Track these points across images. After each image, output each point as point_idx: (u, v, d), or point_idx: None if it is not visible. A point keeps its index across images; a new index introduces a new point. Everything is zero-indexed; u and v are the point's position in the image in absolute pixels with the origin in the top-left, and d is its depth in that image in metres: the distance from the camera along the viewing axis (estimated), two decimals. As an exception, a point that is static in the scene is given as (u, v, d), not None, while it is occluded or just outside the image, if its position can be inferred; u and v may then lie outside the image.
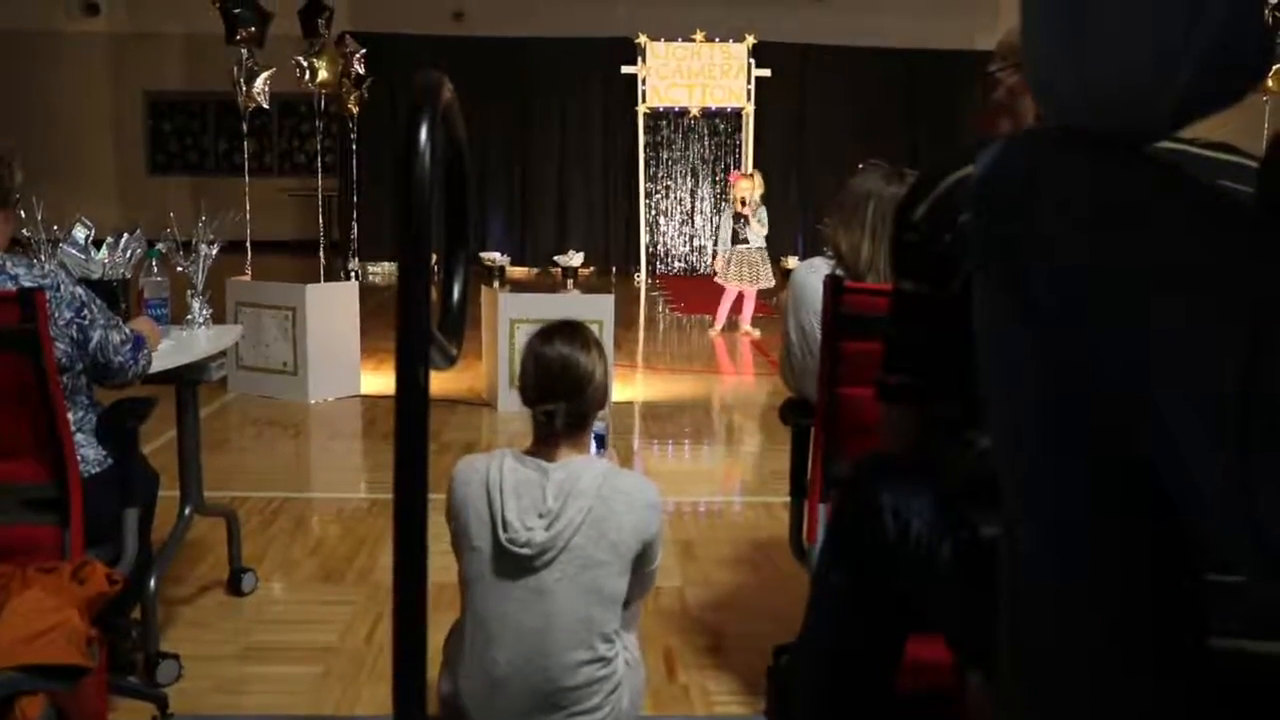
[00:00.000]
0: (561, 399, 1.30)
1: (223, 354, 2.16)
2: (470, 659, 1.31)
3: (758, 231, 5.79)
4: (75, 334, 1.55)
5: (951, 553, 0.94)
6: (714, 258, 5.99)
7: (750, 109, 8.13)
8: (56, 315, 1.53)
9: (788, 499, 1.73)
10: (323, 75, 5.78)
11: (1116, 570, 0.58)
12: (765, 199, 6.02)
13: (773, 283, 5.88)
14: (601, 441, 1.69)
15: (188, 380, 1.97)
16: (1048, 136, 0.61)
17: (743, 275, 5.74)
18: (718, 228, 6.74)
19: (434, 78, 0.68)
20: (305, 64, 5.71)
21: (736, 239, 5.76)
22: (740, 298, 5.84)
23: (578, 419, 1.32)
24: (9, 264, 1.53)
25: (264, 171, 9.73)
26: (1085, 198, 0.56)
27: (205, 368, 1.99)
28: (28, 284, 1.51)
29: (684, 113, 8.43)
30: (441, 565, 1.34)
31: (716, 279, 5.95)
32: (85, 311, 1.57)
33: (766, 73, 8.05)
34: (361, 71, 6.27)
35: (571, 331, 1.35)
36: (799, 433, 1.71)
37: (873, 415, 1.07)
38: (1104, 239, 0.54)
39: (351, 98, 6.25)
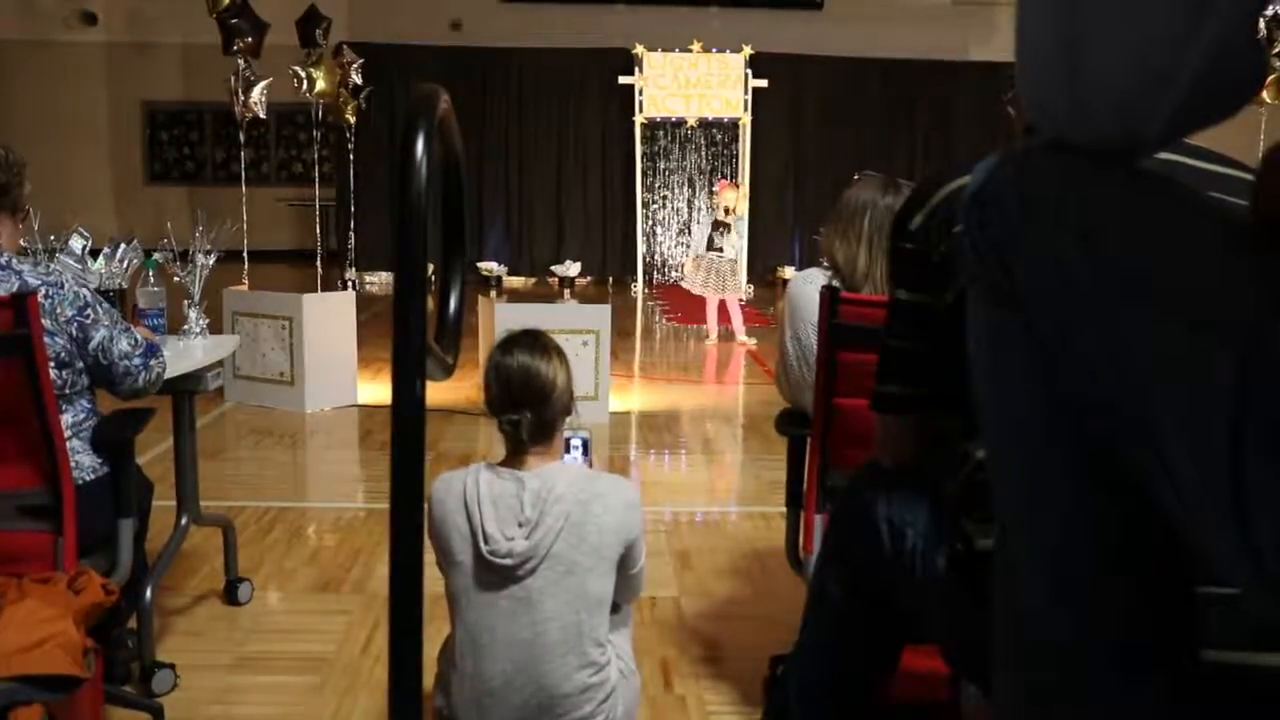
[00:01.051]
0: (525, 409, 1.30)
1: (219, 364, 2.16)
2: (463, 673, 1.31)
3: (734, 242, 5.80)
4: (75, 332, 1.55)
5: (947, 564, 0.94)
6: (689, 264, 5.98)
7: (747, 119, 8.16)
8: (58, 312, 1.53)
9: (784, 509, 1.73)
10: (320, 85, 5.81)
11: (1112, 583, 0.58)
12: (752, 209, 6.04)
13: (740, 292, 5.89)
14: (585, 448, 1.69)
15: (184, 390, 1.97)
16: (1042, 149, 0.62)
17: (708, 283, 5.74)
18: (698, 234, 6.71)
19: (430, 90, 0.68)
20: (303, 74, 5.74)
21: (711, 246, 5.76)
22: (722, 305, 5.84)
23: (543, 427, 1.32)
24: (15, 262, 1.54)
25: (261, 181, 9.75)
26: (1078, 210, 0.56)
27: (202, 377, 1.99)
28: (32, 281, 1.52)
29: (681, 123, 8.47)
30: (438, 575, 1.34)
31: (683, 283, 5.96)
32: (89, 311, 1.57)
33: (763, 83, 8.09)
34: (359, 81, 6.29)
35: (531, 340, 1.34)
36: (795, 443, 1.71)
37: (869, 426, 1.07)
38: (1097, 252, 0.55)
39: (349, 108, 6.27)
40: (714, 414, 4.37)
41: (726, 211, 5.78)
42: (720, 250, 5.72)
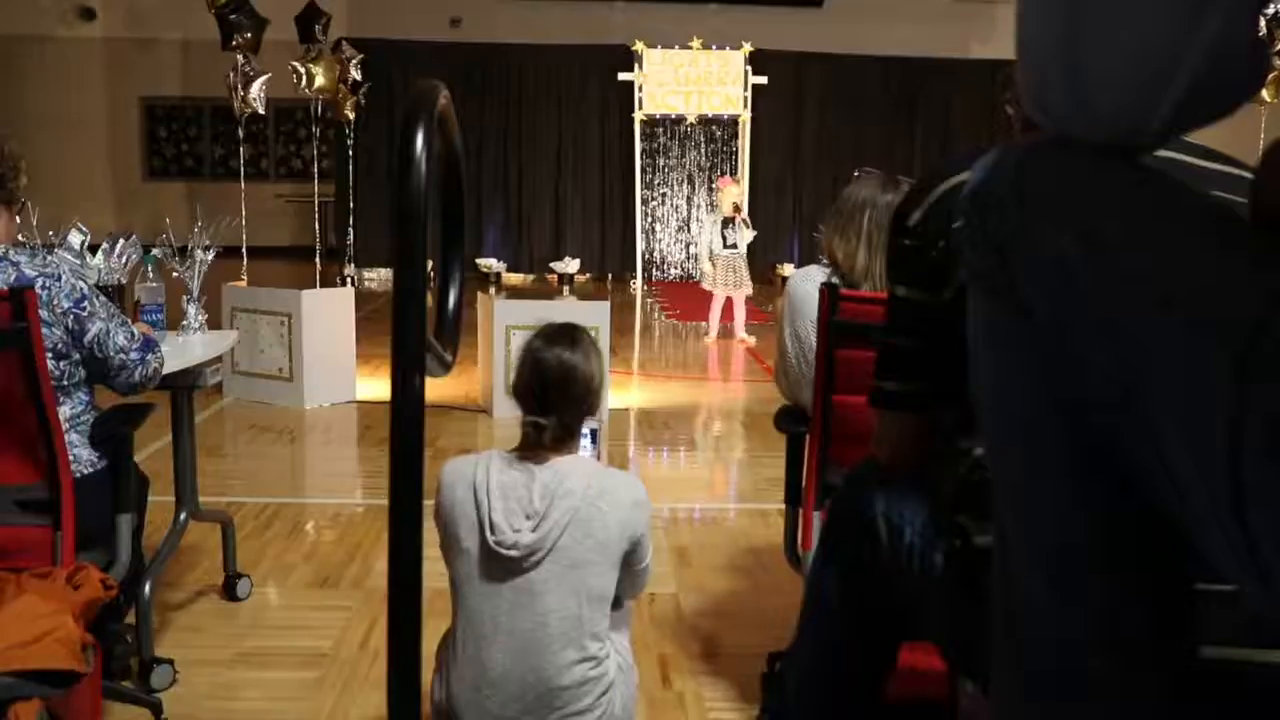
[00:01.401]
0: (553, 412, 1.30)
1: (218, 360, 2.15)
2: (463, 662, 1.31)
3: (747, 237, 5.80)
4: (71, 324, 1.55)
5: (944, 561, 0.94)
6: (706, 263, 5.95)
7: (747, 116, 8.15)
8: (54, 304, 1.53)
9: (782, 506, 1.73)
10: (320, 81, 5.80)
11: (1111, 581, 0.58)
12: (751, 206, 6.03)
13: (751, 289, 5.89)
14: (594, 436, 1.70)
15: (183, 386, 1.97)
16: (1042, 145, 0.61)
17: (729, 281, 5.74)
18: (698, 234, 6.63)
19: (430, 85, 0.68)
20: (302, 70, 5.73)
21: (726, 243, 5.75)
22: (729, 303, 5.84)
23: (565, 430, 1.33)
24: (11, 253, 1.54)
25: (260, 177, 9.73)
26: (1078, 208, 0.56)
27: (201, 373, 1.99)
28: (29, 272, 1.51)
29: (681, 120, 8.45)
30: (436, 571, 1.34)
31: (704, 284, 5.94)
32: (85, 304, 1.56)
33: (763, 80, 8.08)
34: (358, 77, 6.28)
35: (573, 337, 1.34)
36: (794, 440, 1.72)
37: (867, 423, 1.07)
38: (1097, 250, 0.54)
39: (348, 103, 6.26)
40: (713, 411, 4.37)
41: (736, 207, 5.78)
42: (735, 246, 5.73)
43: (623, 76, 8.08)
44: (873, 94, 9.08)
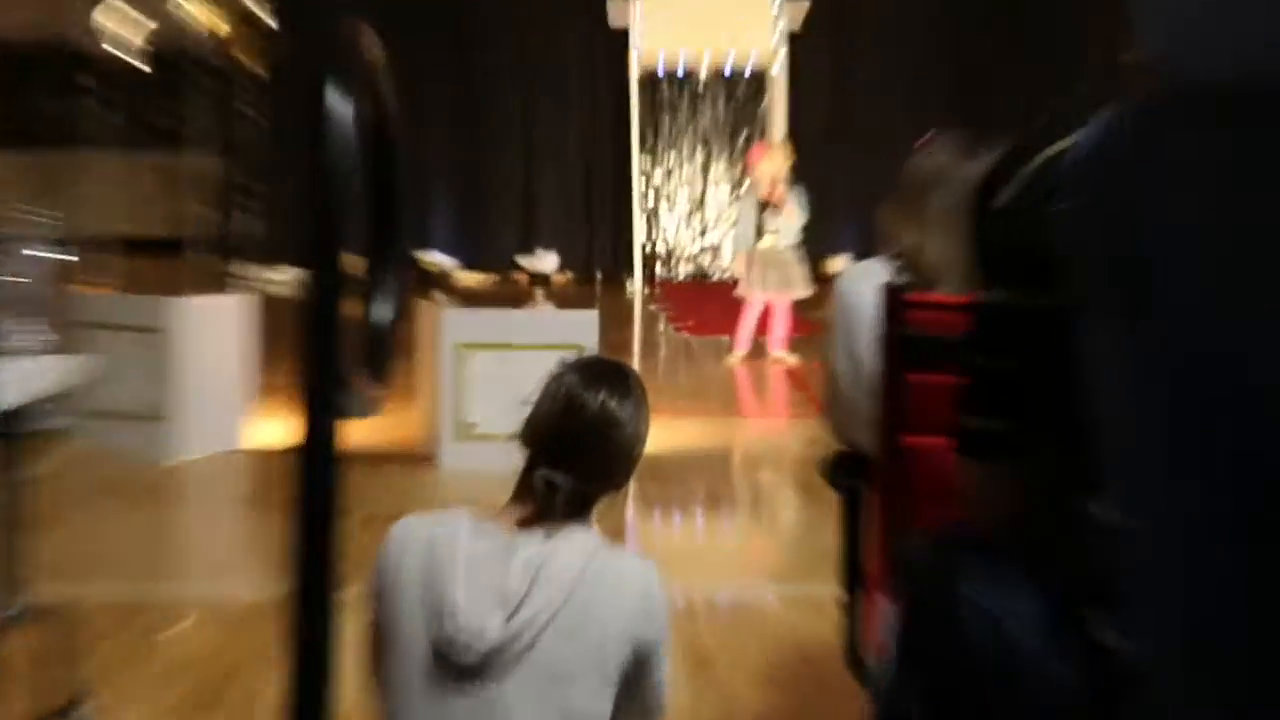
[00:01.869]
0: (574, 471, 1.30)
1: (64, 394, 2.15)
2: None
3: (790, 224, 5.84)
4: None
5: (1060, 666, 0.93)
6: (732, 259, 6.05)
7: (779, 67, 8.26)
8: None
9: (837, 590, 1.72)
10: (213, 23, 5.88)
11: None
12: (797, 179, 6.07)
13: (808, 291, 5.92)
14: None
15: (9, 432, 1.97)
16: (1176, 99, 0.62)
17: (768, 281, 5.78)
18: (735, 221, 6.75)
19: (352, 29, 0.69)
20: (189, 8, 5.81)
21: (761, 233, 5.80)
22: (767, 312, 5.88)
23: (583, 500, 1.32)
24: None
25: (128, 145, 9.84)
26: (1223, 177, 0.57)
27: (35, 414, 1.99)
28: None
29: (691, 74, 8.57)
30: (356, 684, 1.33)
31: (737, 290, 5.99)
32: None
33: (800, 17, 8.20)
34: (268, 20, 6.39)
35: (624, 382, 1.36)
36: (850, 498, 1.71)
37: (951, 473, 1.07)
38: (1247, 229, 0.55)
39: (253, 53, 6.35)
40: (740, 457, 4.37)
41: (773, 186, 5.83)
42: (775, 234, 5.79)
43: (614, 20, 8.19)
44: (943, 33, 9.20)
